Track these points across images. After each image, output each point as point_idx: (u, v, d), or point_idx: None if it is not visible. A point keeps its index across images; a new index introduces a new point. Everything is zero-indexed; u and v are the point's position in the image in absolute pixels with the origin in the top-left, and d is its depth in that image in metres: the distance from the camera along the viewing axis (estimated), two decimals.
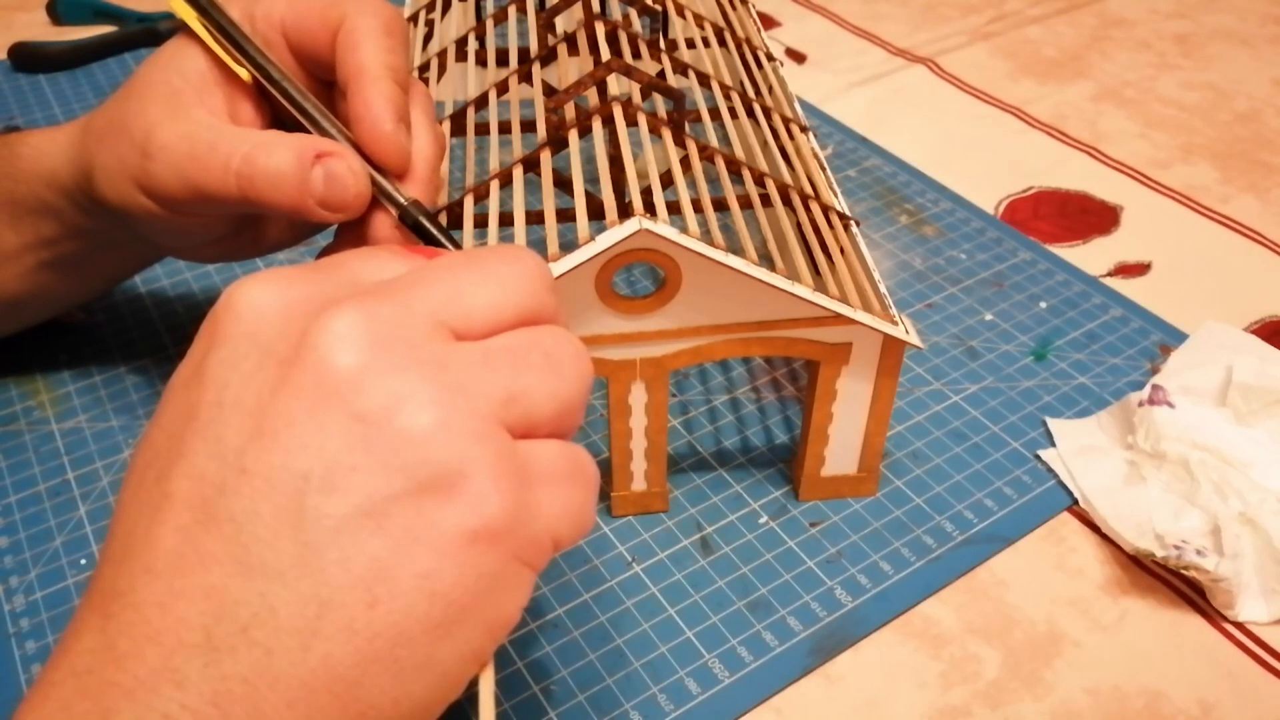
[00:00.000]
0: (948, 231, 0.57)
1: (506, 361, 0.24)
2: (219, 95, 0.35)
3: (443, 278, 0.25)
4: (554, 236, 0.34)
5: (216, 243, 0.39)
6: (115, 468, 0.44)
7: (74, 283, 0.44)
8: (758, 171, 0.39)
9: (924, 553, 0.40)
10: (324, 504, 0.22)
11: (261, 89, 0.35)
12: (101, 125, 0.37)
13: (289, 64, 0.36)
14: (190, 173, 0.34)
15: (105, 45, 0.72)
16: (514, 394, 0.24)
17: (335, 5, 0.35)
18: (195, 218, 0.37)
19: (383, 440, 0.22)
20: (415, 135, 0.34)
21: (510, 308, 0.25)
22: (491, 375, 0.24)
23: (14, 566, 0.40)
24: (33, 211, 0.41)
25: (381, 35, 0.34)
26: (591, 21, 0.42)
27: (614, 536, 0.41)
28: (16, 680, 0.36)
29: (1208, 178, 0.62)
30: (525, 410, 0.24)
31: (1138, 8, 0.78)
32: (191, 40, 0.36)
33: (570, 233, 0.34)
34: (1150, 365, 0.49)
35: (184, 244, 0.40)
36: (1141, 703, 0.36)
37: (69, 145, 0.39)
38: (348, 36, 0.34)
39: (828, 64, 0.72)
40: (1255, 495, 0.40)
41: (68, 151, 0.39)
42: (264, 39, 0.35)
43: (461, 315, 0.24)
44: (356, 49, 0.34)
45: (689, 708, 0.35)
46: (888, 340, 0.37)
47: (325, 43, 0.35)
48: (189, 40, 0.36)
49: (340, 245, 0.34)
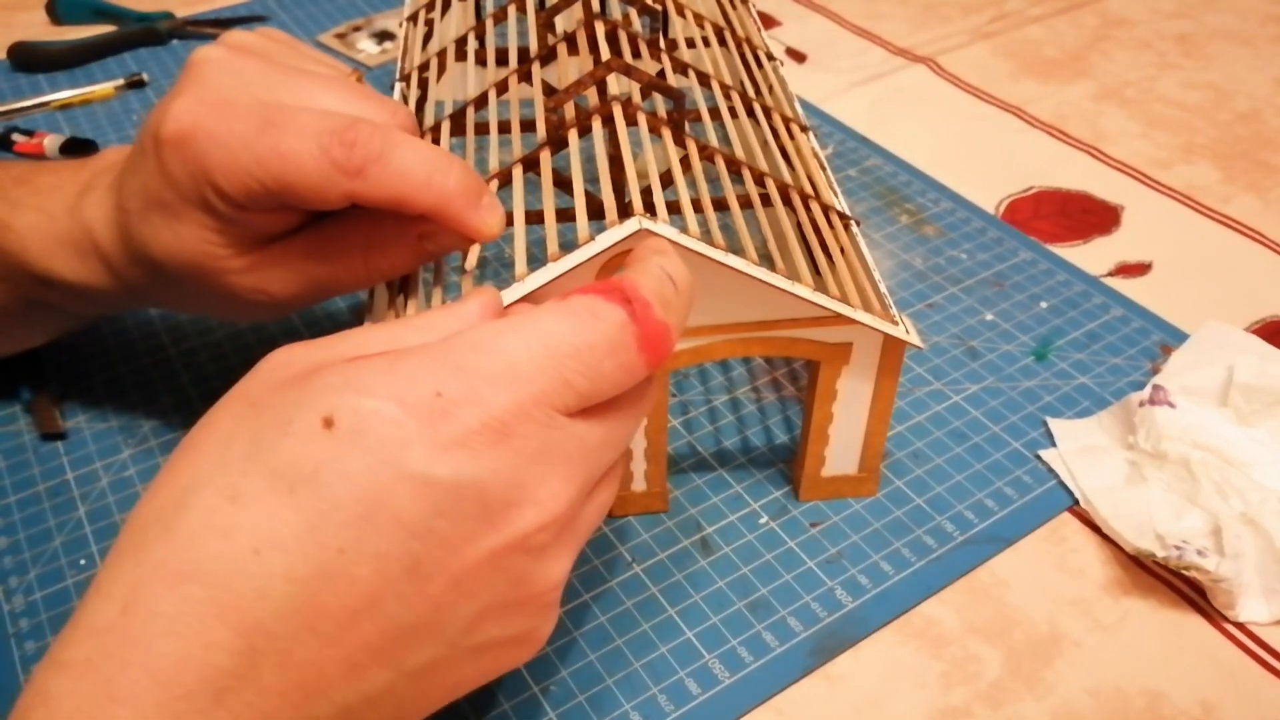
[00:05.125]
0: (948, 231, 0.57)
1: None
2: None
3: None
4: (554, 236, 0.34)
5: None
6: (114, 468, 0.44)
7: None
8: (758, 171, 0.39)
9: (924, 553, 0.40)
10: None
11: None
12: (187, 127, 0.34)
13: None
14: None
15: (105, 45, 0.72)
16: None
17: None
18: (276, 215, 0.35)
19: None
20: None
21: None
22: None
23: (14, 566, 0.40)
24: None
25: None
26: (591, 21, 0.41)
27: (614, 536, 0.41)
28: (16, 680, 0.36)
29: (1209, 177, 0.61)
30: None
31: (1139, 7, 0.78)
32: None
33: (570, 232, 0.34)
34: (1151, 365, 0.49)
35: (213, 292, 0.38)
36: (1142, 703, 0.36)
37: (102, 197, 0.38)
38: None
39: (828, 63, 0.72)
40: (1256, 495, 0.40)
41: (106, 209, 0.38)
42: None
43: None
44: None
45: (689, 708, 0.35)
46: (888, 340, 0.37)
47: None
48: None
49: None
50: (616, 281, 0.28)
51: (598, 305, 0.27)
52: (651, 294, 0.28)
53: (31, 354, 0.46)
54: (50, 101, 0.67)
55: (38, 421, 0.45)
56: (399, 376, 0.25)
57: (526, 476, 0.26)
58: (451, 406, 0.25)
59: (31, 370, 0.47)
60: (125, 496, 0.42)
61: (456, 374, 0.25)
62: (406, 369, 0.26)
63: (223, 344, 0.49)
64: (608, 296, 0.28)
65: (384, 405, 0.25)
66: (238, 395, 0.27)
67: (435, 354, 0.26)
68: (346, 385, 0.25)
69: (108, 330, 0.50)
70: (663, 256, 0.30)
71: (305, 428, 0.25)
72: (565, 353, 0.26)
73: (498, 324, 0.27)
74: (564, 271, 0.33)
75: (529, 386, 0.26)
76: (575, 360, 0.27)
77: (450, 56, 0.46)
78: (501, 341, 0.26)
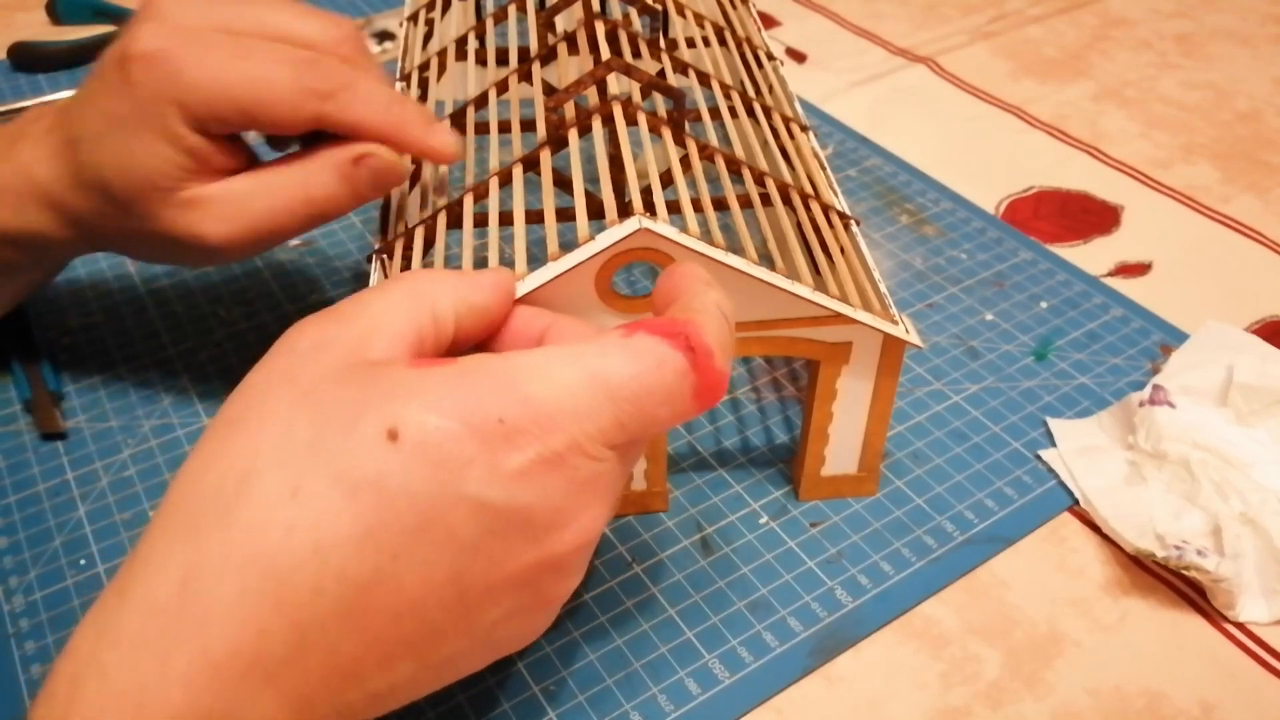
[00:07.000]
0: (948, 231, 0.57)
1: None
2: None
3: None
4: (554, 236, 0.34)
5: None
6: (114, 468, 0.44)
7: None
8: (758, 171, 0.39)
9: (924, 553, 0.40)
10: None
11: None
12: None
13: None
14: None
15: (105, 45, 0.71)
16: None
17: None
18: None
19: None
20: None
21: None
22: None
23: (14, 566, 0.40)
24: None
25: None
26: (591, 21, 0.41)
27: (614, 536, 0.41)
28: (16, 680, 0.36)
29: (1208, 177, 0.61)
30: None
31: (1138, 7, 0.78)
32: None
33: (570, 232, 0.34)
34: (1151, 365, 0.49)
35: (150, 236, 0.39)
36: (1142, 703, 0.36)
37: (44, 137, 0.39)
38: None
39: (828, 63, 0.72)
40: (1256, 495, 0.40)
41: (45, 148, 0.39)
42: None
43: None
44: None
45: (689, 708, 0.35)
46: (888, 340, 0.37)
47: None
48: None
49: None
50: (682, 325, 0.28)
51: (662, 351, 0.28)
52: (713, 341, 0.29)
53: (21, 326, 0.46)
54: (50, 102, 0.67)
55: (38, 421, 0.45)
56: (465, 396, 0.26)
57: (572, 504, 0.27)
58: (513, 434, 0.26)
59: (23, 340, 0.47)
60: (125, 496, 0.42)
61: (521, 404, 0.26)
62: (473, 389, 0.26)
63: (223, 344, 0.49)
64: (673, 342, 0.28)
65: (449, 424, 0.26)
66: (285, 377, 0.27)
67: (501, 378, 0.27)
68: (412, 396, 0.26)
69: (108, 330, 0.50)
70: (714, 290, 0.30)
71: (370, 434, 0.25)
72: (625, 396, 0.27)
73: (564, 354, 0.28)
74: (564, 271, 0.33)
75: (587, 424, 0.27)
76: (633, 405, 0.27)
77: (450, 56, 0.46)
78: (567, 375, 0.27)
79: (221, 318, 0.51)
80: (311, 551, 0.24)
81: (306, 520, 0.25)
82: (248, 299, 0.52)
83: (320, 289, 0.53)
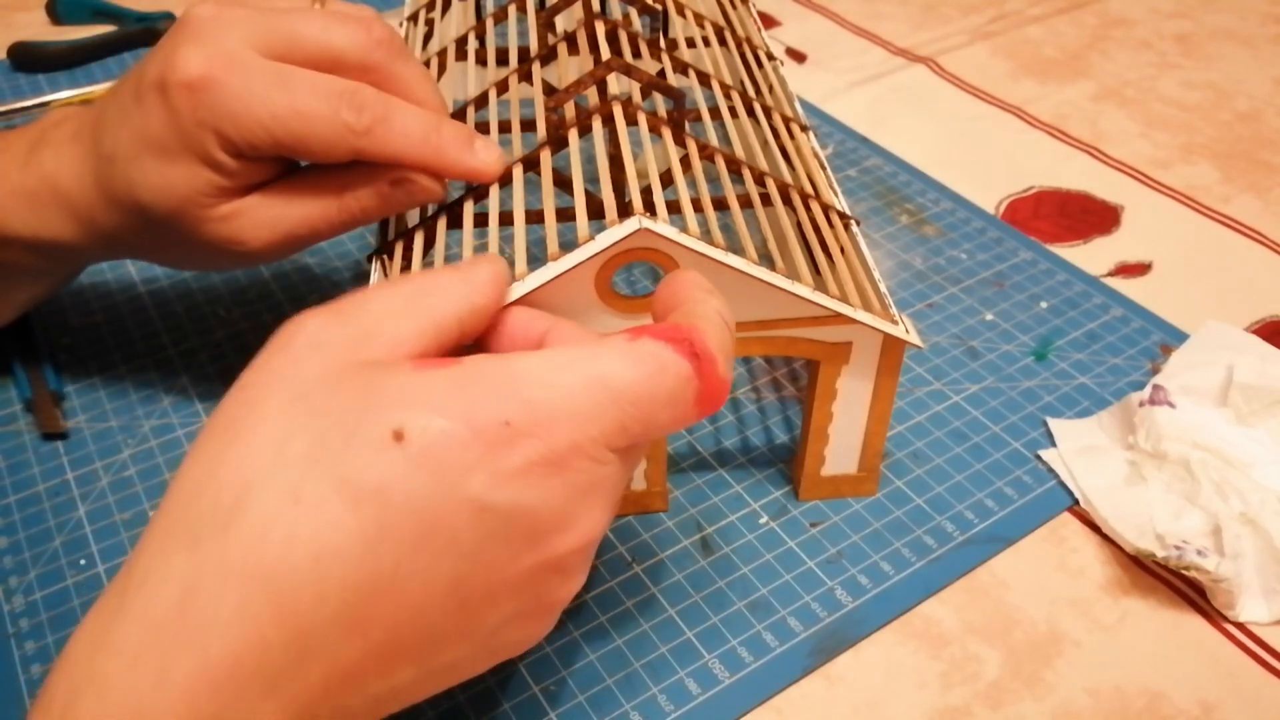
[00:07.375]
0: (948, 231, 0.57)
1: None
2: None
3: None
4: (554, 236, 0.34)
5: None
6: (114, 468, 0.44)
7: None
8: (758, 171, 0.39)
9: (924, 553, 0.40)
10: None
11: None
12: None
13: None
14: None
15: (105, 45, 0.72)
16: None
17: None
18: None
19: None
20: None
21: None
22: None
23: (14, 566, 0.40)
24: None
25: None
26: (591, 21, 0.41)
27: (614, 536, 0.41)
28: (16, 680, 0.36)
29: (1208, 177, 0.61)
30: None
31: (1138, 7, 0.78)
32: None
33: (570, 232, 0.34)
34: (1151, 365, 0.49)
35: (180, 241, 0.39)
36: (1142, 703, 0.36)
37: (73, 144, 0.39)
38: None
39: (828, 63, 0.72)
40: (1256, 495, 0.40)
41: (69, 157, 0.39)
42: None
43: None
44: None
45: (689, 708, 0.35)
46: (888, 340, 0.37)
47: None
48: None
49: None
50: (686, 331, 0.29)
51: (666, 356, 0.28)
52: (716, 348, 0.29)
53: (22, 326, 0.46)
54: (50, 102, 0.67)
55: (38, 421, 0.45)
56: (470, 398, 0.26)
57: (574, 507, 0.27)
58: (517, 437, 0.26)
59: (24, 340, 0.47)
60: (125, 496, 0.42)
61: (525, 406, 0.26)
62: (478, 391, 0.26)
63: (222, 344, 0.49)
64: (676, 347, 0.28)
65: (454, 427, 0.26)
66: (280, 379, 0.27)
67: (504, 381, 0.27)
68: (416, 399, 0.26)
69: (108, 330, 0.50)
70: (715, 297, 0.30)
71: (374, 438, 0.25)
72: (628, 400, 0.27)
73: (567, 357, 0.28)
74: (564, 271, 0.33)
75: (590, 427, 0.27)
76: (635, 409, 0.28)
77: (450, 56, 0.46)
78: (570, 378, 0.27)
79: (221, 318, 0.51)
80: (313, 561, 0.24)
81: (308, 529, 0.24)
82: (248, 299, 0.52)
83: (320, 289, 0.53)
